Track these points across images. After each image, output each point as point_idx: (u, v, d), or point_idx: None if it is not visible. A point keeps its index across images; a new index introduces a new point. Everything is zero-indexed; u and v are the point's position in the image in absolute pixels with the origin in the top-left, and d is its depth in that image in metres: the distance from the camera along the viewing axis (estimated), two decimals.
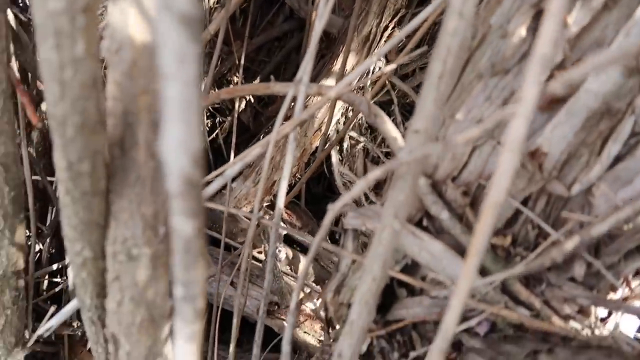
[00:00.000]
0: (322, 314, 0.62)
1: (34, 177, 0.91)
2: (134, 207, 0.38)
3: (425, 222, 0.52)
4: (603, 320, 0.50)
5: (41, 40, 0.27)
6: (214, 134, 1.81)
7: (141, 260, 0.40)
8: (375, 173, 0.32)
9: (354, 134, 1.71)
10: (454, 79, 0.49)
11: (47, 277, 1.10)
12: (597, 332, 0.46)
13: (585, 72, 0.26)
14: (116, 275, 0.41)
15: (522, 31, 0.43)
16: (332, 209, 0.37)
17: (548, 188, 0.45)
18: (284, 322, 1.39)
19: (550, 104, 0.43)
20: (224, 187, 1.68)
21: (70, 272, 0.97)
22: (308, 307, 1.41)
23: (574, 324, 0.46)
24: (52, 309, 0.78)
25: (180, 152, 0.19)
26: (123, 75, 0.34)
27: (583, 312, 0.45)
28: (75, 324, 0.97)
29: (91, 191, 0.36)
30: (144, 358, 0.46)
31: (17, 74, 0.52)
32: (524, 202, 0.47)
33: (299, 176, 1.67)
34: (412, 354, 0.52)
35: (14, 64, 0.53)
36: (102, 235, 0.40)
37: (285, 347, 0.46)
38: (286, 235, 1.65)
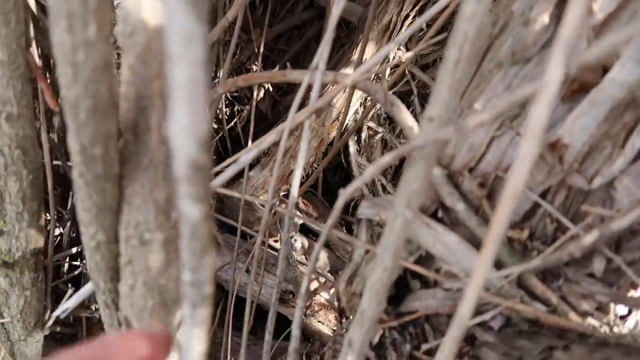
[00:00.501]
0: (335, 303, 0.62)
1: (55, 162, 0.93)
2: (146, 191, 0.38)
3: (440, 214, 0.51)
4: (622, 318, 0.48)
5: (54, 22, 0.27)
6: (232, 123, 1.81)
7: (153, 245, 0.40)
8: (386, 159, 0.31)
9: (372, 124, 1.69)
10: (472, 67, 0.48)
11: (67, 260, 1.12)
12: (615, 330, 0.45)
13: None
14: (129, 259, 0.42)
15: (545, 18, 0.42)
16: (343, 194, 0.36)
17: (568, 181, 0.43)
18: None
19: (573, 94, 0.42)
20: (241, 175, 1.69)
21: None
22: (322, 296, 1.42)
23: (591, 321, 0.45)
24: (70, 291, 0.79)
25: (186, 136, 0.19)
26: (136, 59, 0.34)
27: (602, 309, 0.44)
28: (93, 307, 0.99)
29: (104, 175, 0.36)
30: None
31: (38, 60, 0.53)
32: (543, 195, 0.46)
33: (316, 166, 1.66)
34: (425, 346, 0.52)
35: (35, 49, 0.54)
36: (115, 219, 0.41)
37: (295, 331, 0.46)
38: (302, 225, 1.66)
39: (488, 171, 0.48)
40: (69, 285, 1.01)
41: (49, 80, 0.75)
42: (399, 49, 1.45)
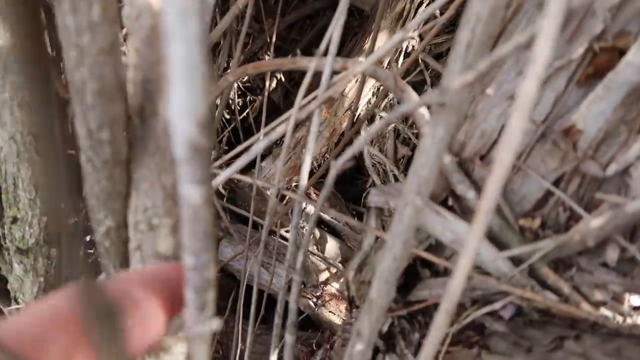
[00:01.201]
0: (345, 292, 0.62)
1: (70, 152, 0.94)
2: (154, 176, 0.38)
3: (450, 202, 0.50)
4: (637, 308, 0.47)
5: (58, 4, 0.27)
6: (244, 113, 1.81)
7: (162, 230, 0.40)
8: (377, 126, 0.31)
9: (384, 114, 1.68)
10: (483, 50, 0.47)
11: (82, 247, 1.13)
12: (629, 320, 0.44)
13: None
14: (137, 244, 0.42)
15: None
16: (334, 165, 0.36)
17: (582, 168, 0.42)
18: (310, 301, 1.40)
19: (588, 78, 0.40)
20: (253, 166, 1.69)
21: None
22: (333, 286, 1.42)
23: (604, 311, 0.44)
24: None
25: (185, 117, 0.19)
26: (142, 43, 0.34)
27: (615, 299, 0.43)
28: None
29: (112, 160, 0.36)
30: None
31: (49, 46, 0.53)
32: (556, 183, 0.45)
33: (327, 156, 1.66)
34: None
35: (46, 36, 0.54)
36: (124, 204, 0.41)
37: (292, 305, 0.46)
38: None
39: None
40: None
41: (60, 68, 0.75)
42: (412, 37, 1.43)
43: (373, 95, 1.59)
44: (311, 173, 1.67)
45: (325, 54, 0.55)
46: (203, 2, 0.17)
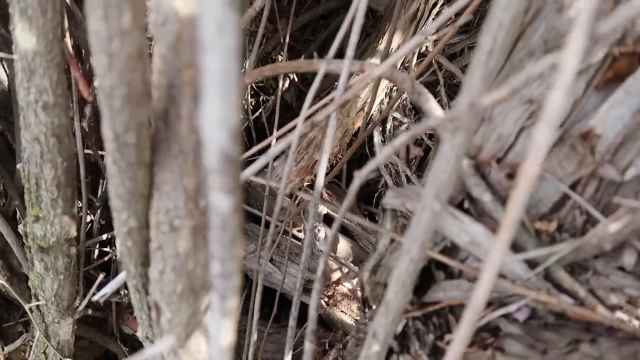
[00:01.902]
0: (359, 293, 0.62)
1: (86, 151, 0.95)
2: (176, 179, 0.39)
3: (466, 205, 0.50)
4: None
5: (90, 11, 0.28)
6: (257, 113, 1.82)
7: (183, 232, 0.41)
8: (402, 138, 0.31)
9: (397, 114, 1.68)
10: (503, 55, 0.47)
11: (97, 246, 1.15)
12: None
13: None
14: (159, 245, 0.43)
15: (579, 4, 0.41)
16: (358, 176, 0.36)
17: (599, 172, 0.42)
18: (322, 301, 1.41)
19: (607, 83, 0.41)
20: (266, 165, 1.70)
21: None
22: (345, 286, 1.42)
23: (621, 315, 0.44)
24: (101, 276, 0.82)
25: (218, 127, 0.19)
26: (168, 49, 0.35)
27: (632, 303, 0.43)
28: (122, 292, 1.02)
29: (136, 162, 0.37)
30: (184, 326, 0.47)
31: (71, 50, 0.54)
32: (573, 187, 0.45)
33: (340, 156, 1.66)
34: (448, 337, 0.52)
35: (69, 40, 0.55)
36: (146, 206, 0.42)
37: (312, 312, 0.46)
38: (326, 216, 1.66)
39: (516, 162, 0.47)
40: (99, 271, 1.04)
41: (81, 70, 0.76)
42: (426, 38, 1.43)
43: (386, 96, 1.59)
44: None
45: (339, 56, 0.55)
46: (238, 15, 0.18)
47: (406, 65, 1.51)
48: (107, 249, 1.16)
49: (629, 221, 0.38)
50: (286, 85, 1.82)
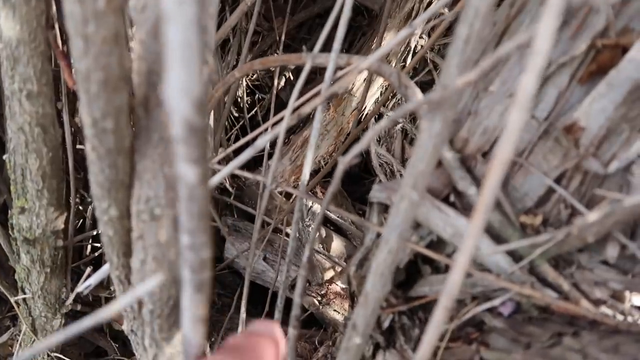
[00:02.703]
0: (347, 287, 0.62)
1: (79, 146, 0.95)
2: (157, 167, 0.39)
3: (452, 198, 0.50)
4: (638, 308, 0.47)
5: None
6: (253, 111, 1.82)
7: (163, 221, 0.41)
8: (382, 124, 0.31)
9: (391, 113, 1.68)
10: (482, 45, 0.47)
11: (89, 242, 1.15)
12: (630, 319, 0.44)
13: None
14: (140, 234, 0.42)
15: None
16: (342, 162, 0.36)
17: (584, 165, 0.42)
18: (314, 299, 1.40)
19: (590, 76, 0.40)
20: (260, 164, 1.70)
21: None
22: (338, 285, 1.42)
23: (605, 309, 0.44)
24: (89, 270, 0.81)
25: (181, 97, 0.19)
26: (147, 35, 0.35)
27: (616, 297, 0.43)
28: (112, 287, 1.02)
29: (115, 149, 0.37)
30: (166, 318, 0.47)
31: (59, 40, 0.54)
32: (557, 180, 0.45)
33: (335, 155, 1.66)
34: None
35: (57, 30, 0.55)
36: (127, 194, 0.41)
37: (297, 299, 0.46)
38: None
39: None
40: (90, 267, 1.04)
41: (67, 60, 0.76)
42: (421, 37, 1.43)
43: (381, 95, 1.59)
44: (318, 171, 1.67)
45: (330, 50, 0.55)
46: None
47: (402, 64, 1.51)
48: (99, 245, 1.15)
49: (611, 212, 0.38)
50: (282, 83, 1.82)
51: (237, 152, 0.77)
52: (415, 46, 1.45)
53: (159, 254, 0.43)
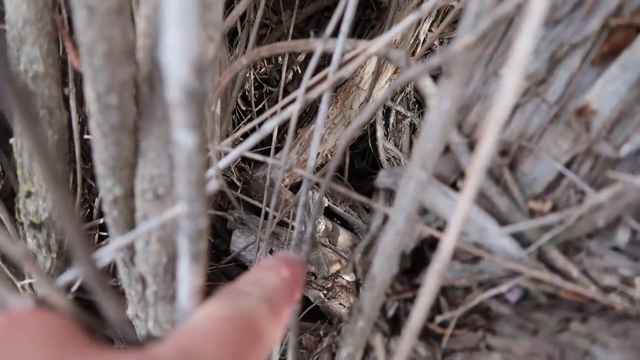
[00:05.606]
0: (352, 275, 0.62)
1: (87, 136, 0.95)
2: (161, 145, 0.39)
3: (459, 184, 0.49)
4: None
5: None
6: (261, 105, 1.82)
7: (167, 200, 0.41)
8: (382, 95, 0.30)
9: (400, 108, 1.67)
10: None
11: (97, 231, 1.15)
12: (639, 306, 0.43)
13: None
14: (144, 214, 0.42)
15: None
16: (345, 135, 0.36)
17: (595, 149, 0.41)
18: (320, 292, 1.40)
19: (603, 57, 0.40)
20: (268, 157, 1.69)
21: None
22: (344, 279, 1.41)
23: (614, 296, 0.43)
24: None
25: (179, 60, 0.19)
26: (152, 10, 0.34)
27: (625, 283, 0.42)
28: (117, 276, 1.02)
29: (120, 125, 0.36)
30: (169, 299, 0.47)
31: (65, 19, 0.54)
32: (568, 165, 0.44)
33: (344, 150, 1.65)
34: (439, 318, 0.51)
35: (64, 11, 0.55)
36: (132, 173, 0.41)
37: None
38: (326, 208, 1.65)
39: (511, 140, 0.46)
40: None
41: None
42: (430, 30, 1.42)
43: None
44: (324, 165, 1.66)
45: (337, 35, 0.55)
46: None
47: (410, 56, 1.49)
48: (106, 234, 1.15)
49: (622, 193, 0.37)
50: (290, 77, 1.82)
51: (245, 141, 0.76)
52: (425, 39, 1.44)
53: (163, 235, 0.42)
